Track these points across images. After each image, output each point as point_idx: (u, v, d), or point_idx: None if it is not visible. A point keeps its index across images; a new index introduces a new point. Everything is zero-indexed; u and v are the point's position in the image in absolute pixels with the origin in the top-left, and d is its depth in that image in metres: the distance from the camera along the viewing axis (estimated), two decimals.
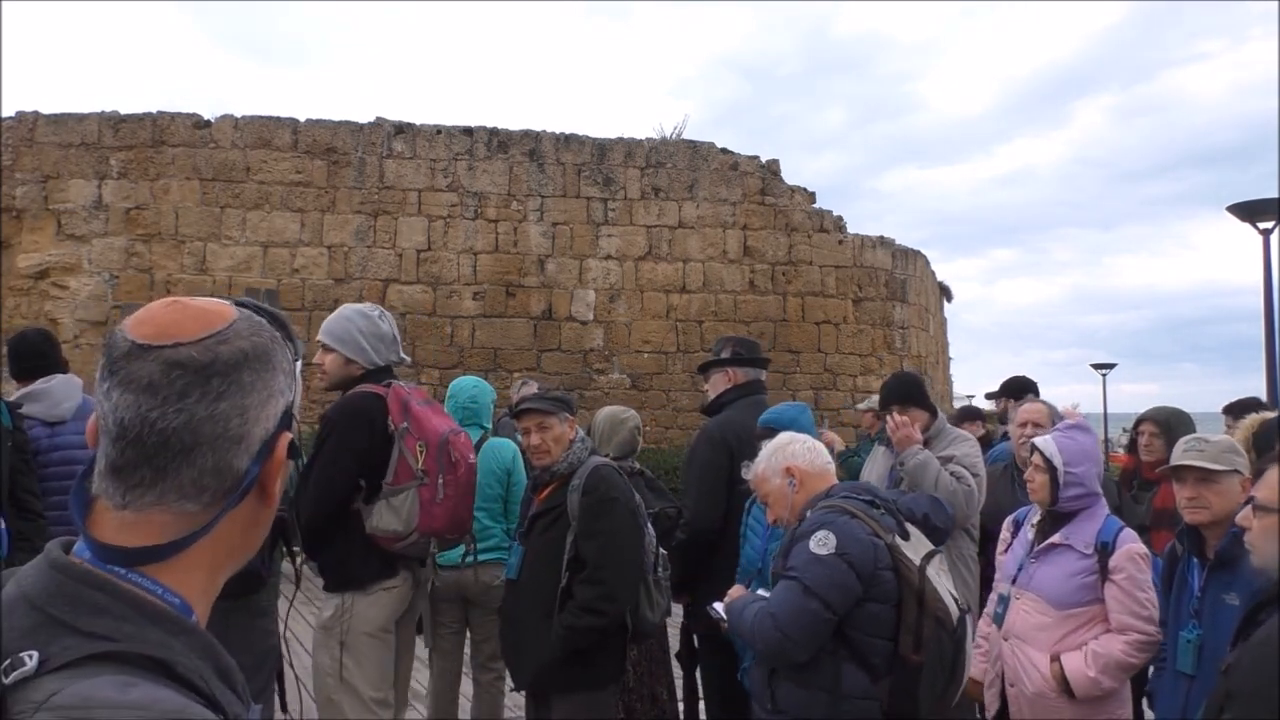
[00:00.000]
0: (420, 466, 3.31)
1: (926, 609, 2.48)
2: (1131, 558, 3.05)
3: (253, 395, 0.86)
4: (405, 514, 3.28)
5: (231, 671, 0.82)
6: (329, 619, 3.36)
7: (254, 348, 0.87)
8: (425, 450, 3.33)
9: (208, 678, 0.77)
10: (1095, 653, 2.98)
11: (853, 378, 13.38)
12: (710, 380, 4.21)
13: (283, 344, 0.91)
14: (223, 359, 0.84)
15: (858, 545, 2.49)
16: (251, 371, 0.86)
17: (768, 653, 2.59)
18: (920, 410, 3.99)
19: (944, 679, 2.52)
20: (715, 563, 3.76)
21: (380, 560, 3.36)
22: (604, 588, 3.18)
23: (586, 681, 3.25)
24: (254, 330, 0.89)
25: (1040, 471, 3.15)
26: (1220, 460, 2.87)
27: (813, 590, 2.47)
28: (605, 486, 3.27)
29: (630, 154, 12.98)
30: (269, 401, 0.88)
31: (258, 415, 0.86)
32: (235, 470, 0.85)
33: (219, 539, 0.86)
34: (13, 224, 11.35)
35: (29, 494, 3.49)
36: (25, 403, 3.79)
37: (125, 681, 0.69)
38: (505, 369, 12.09)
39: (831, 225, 13.62)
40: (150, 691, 0.70)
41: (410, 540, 3.33)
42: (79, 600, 0.75)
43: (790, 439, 2.96)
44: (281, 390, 0.89)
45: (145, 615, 0.77)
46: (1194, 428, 4.57)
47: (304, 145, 12.03)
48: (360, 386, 3.44)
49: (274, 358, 0.89)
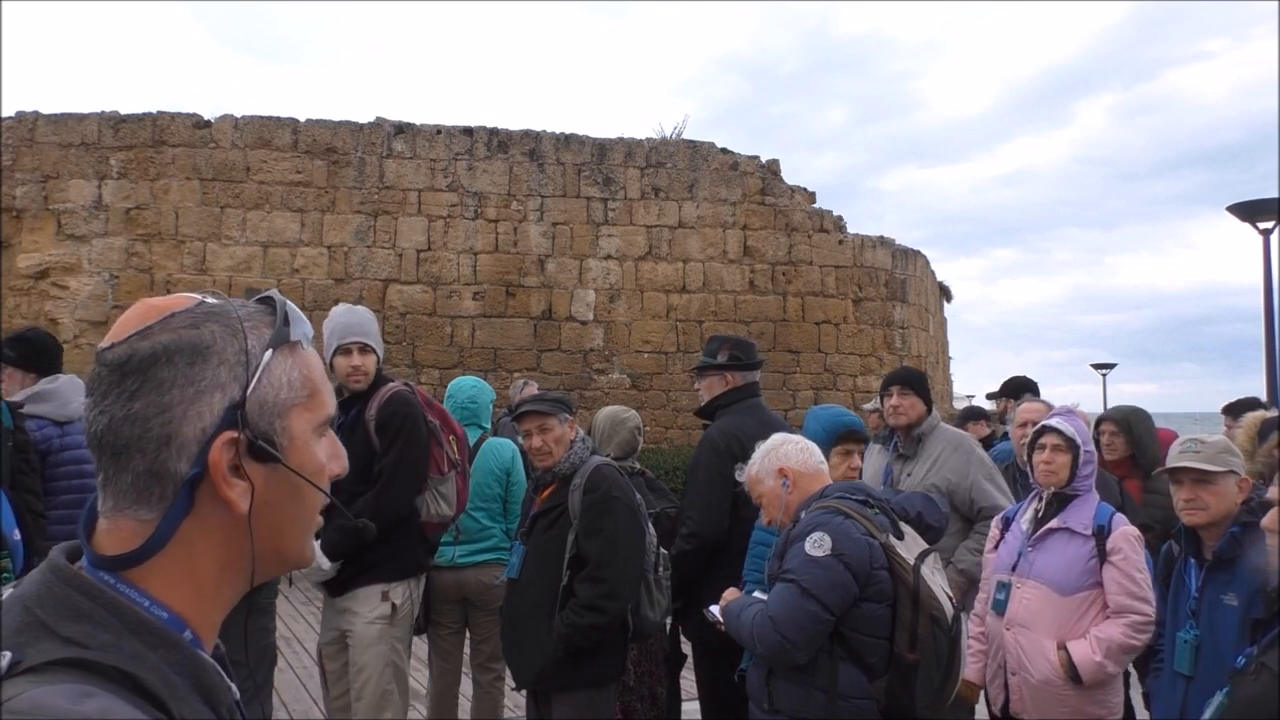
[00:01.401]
0: (455, 457, 3.75)
1: (922, 608, 2.48)
2: (1127, 539, 3.11)
3: (173, 392, 0.79)
4: (452, 499, 3.73)
5: (216, 690, 0.79)
6: (399, 606, 3.53)
7: (179, 341, 0.80)
8: (455, 442, 3.77)
9: (184, 695, 0.74)
10: (1098, 638, 3.01)
11: (853, 378, 13.39)
12: (705, 382, 4.13)
13: (240, 333, 0.83)
14: (139, 356, 0.79)
15: (853, 545, 2.50)
16: (172, 367, 0.79)
17: (768, 655, 2.59)
18: (917, 397, 4.04)
19: (940, 677, 2.53)
20: (716, 569, 3.74)
21: (426, 546, 3.76)
22: (605, 585, 3.19)
23: (587, 680, 3.26)
24: (191, 322, 0.82)
25: (1061, 452, 3.19)
26: (1217, 461, 2.87)
27: (810, 592, 2.48)
28: (606, 485, 3.28)
29: (630, 154, 12.98)
30: (199, 399, 0.80)
31: (185, 413, 0.79)
32: (172, 474, 0.79)
33: (198, 551, 0.81)
34: (13, 224, 11.35)
35: (30, 494, 3.49)
36: (33, 402, 3.78)
37: (84, 691, 0.68)
38: (505, 369, 12.09)
39: (831, 225, 13.63)
40: (106, 704, 0.68)
41: (451, 520, 3.80)
42: (63, 604, 0.74)
43: (783, 439, 2.96)
44: (220, 384, 0.81)
45: (126, 625, 0.75)
46: (1153, 425, 4.68)
47: (304, 145, 12.03)
48: (393, 385, 3.67)
49: (211, 350, 0.81)
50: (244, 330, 0.83)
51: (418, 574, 3.67)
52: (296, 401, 0.86)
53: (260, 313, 0.87)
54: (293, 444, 0.85)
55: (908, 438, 4.04)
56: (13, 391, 3.92)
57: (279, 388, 0.84)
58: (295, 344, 0.87)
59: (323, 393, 0.89)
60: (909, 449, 4.03)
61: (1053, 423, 3.26)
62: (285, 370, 0.85)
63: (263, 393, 0.83)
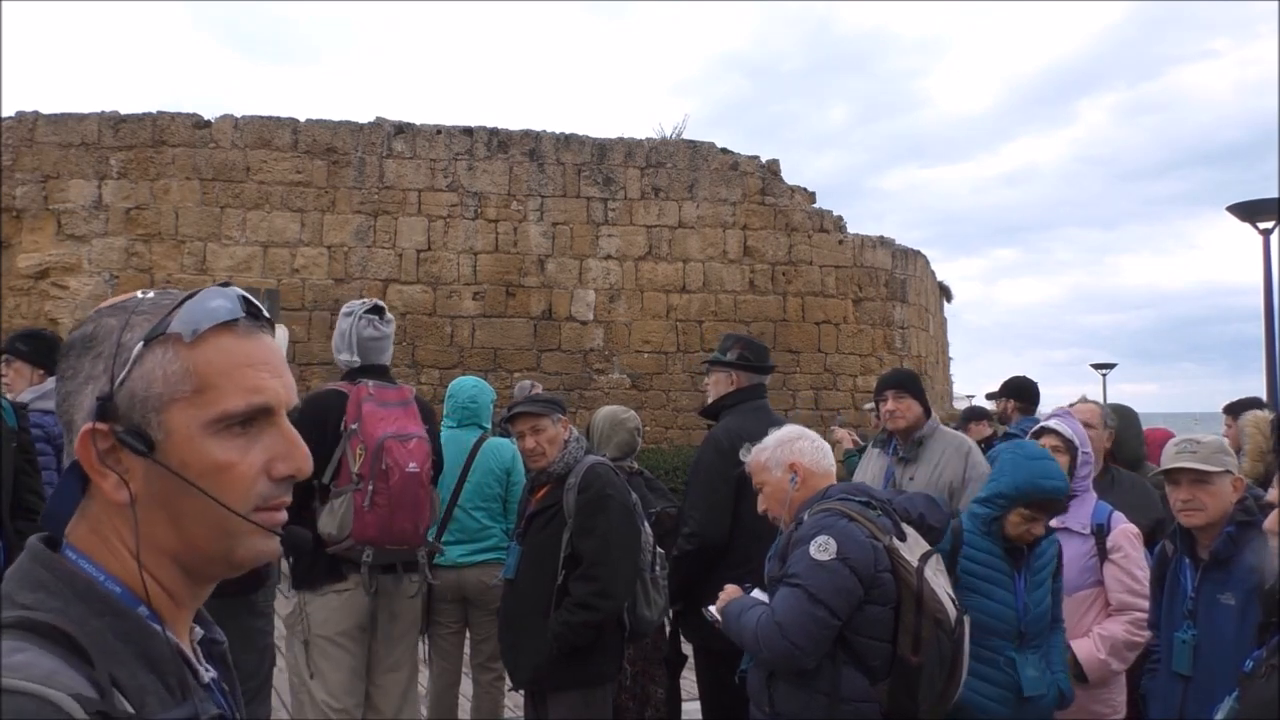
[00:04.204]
0: (356, 470, 3.23)
1: (925, 610, 2.47)
2: (1127, 536, 3.12)
3: (71, 382, 0.84)
4: (340, 518, 3.22)
5: (163, 661, 0.81)
6: (288, 616, 3.43)
7: (80, 333, 0.85)
8: (364, 454, 3.23)
9: (124, 659, 0.78)
10: (1102, 636, 3.02)
11: (853, 378, 13.39)
12: (711, 379, 4.13)
13: (125, 327, 0.83)
14: (64, 346, 0.86)
15: (857, 548, 2.47)
16: (74, 357, 0.84)
17: (774, 660, 2.55)
18: (913, 400, 4.03)
19: (942, 679, 2.52)
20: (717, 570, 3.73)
21: (329, 563, 3.30)
22: (599, 584, 3.19)
23: (583, 679, 3.26)
24: (106, 313, 0.85)
25: (1060, 453, 3.19)
26: (1213, 461, 2.87)
27: (817, 597, 2.44)
28: (600, 484, 3.28)
29: (630, 154, 12.99)
30: (82, 389, 0.83)
31: (77, 403, 0.83)
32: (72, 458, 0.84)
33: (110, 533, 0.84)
34: (13, 224, 11.35)
35: (33, 494, 3.50)
36: (44, 399, 3.80)
37: (17, 646, 0.72)
38: (505, 369, 12.09)
39: (831, 225, 13.63)
40: (32, 658, 0.72)
41: (345, 545, 3.24)
42: (26, 577, 0.80)
43: (800, 434, 2.89)
44: (93, 376, 0.82)
45: (76, 593, 0.79)
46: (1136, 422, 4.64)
47: (304, 145, 12.04)
48: (327, 384, 3.46)
49: (94, 341, 0.83)
50: (130, 323, 0.83)
51: (312, 589, 3.36)
52: (178, 396, 0.83)
53: (169, 305, 0.85)
54: (170, 439, 0.82)
55: (907, 441, 4.04)
56: (21, 388, 3.94)
57: (152, 381, 0.82)
58: (177, 336, 0.83)
59: (215, 388, 0.84)
60: (909, 452, 4.02)
61: (1051, 424, 3.28)
62: (162, 364, 0.83)
63: (133, 385, 0.82)
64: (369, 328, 3.56)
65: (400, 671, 3.55)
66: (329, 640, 3.31)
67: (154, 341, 0.83)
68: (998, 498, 2.84)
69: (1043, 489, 2.79)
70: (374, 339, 3.58)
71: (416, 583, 3.53)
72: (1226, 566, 2.79)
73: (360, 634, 3.38)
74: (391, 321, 3.70)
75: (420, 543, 3.44)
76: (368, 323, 3.56)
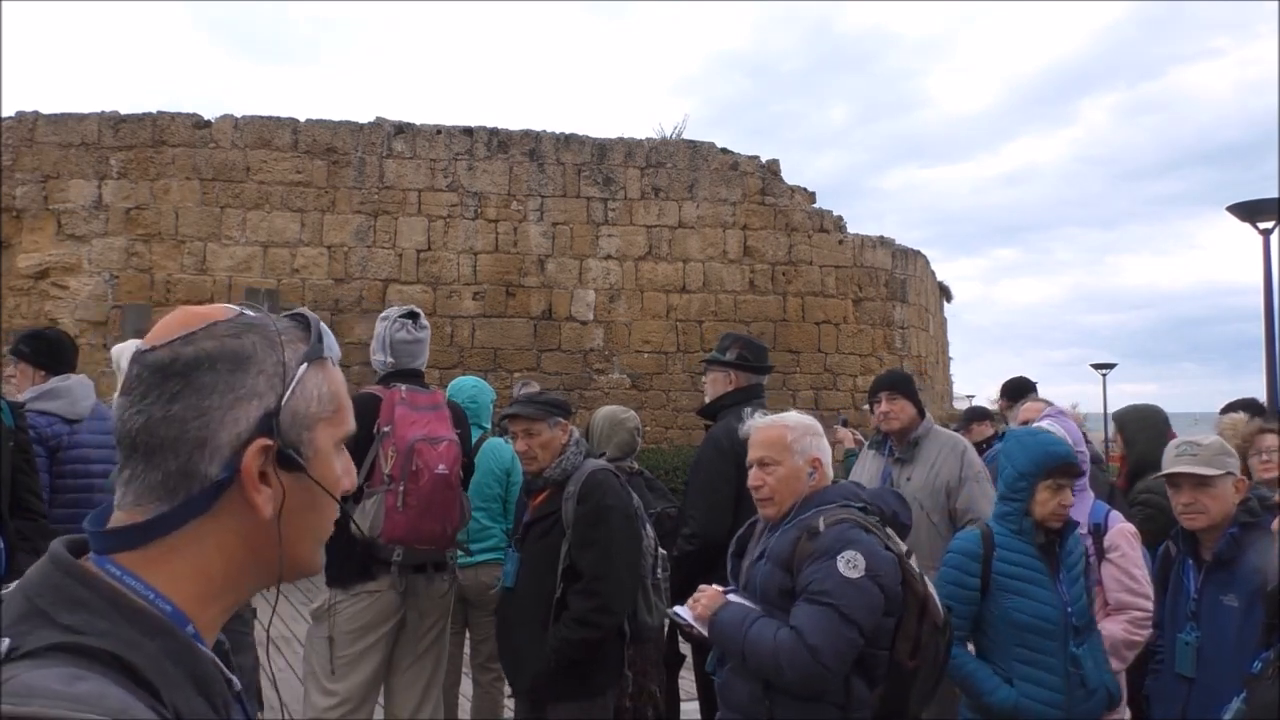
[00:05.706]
0: (388, 472, 3.33)
1: (927, 616, 2.46)
2: (1124, 535, 3.12)
3: (213, 397, 0.83)
4: (371, 518, 3.31)
5: (211, 682, 0.80)
6: (316, 610, 3.43)
7: (221, 348, 0.84)
8: (395, 456, 3.33)
9: (178, 683, 0.76)
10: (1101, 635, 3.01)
11: (853, 378, 13.38)
12: (709, 378, 4.12)
13: (277, 346, 0.87)
14: (182, 360, 0.83)
15: (884, 564, 2.42)
16: (214, 373, 0.83)
17: (797, 682, 2.41)
18: (907, 401, 4.03)
19: (934, 679, 2.52)
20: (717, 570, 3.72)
21: (360, 562, 3.36)
22: (600, 599, 3.10)
23: (584, 690, 3.21)
24: (234, 331, 0.86)
25: None
26: (1214, 464, 2.85)
27: (851, 618, 2.36)
28: (600, 493, 3.18)
29: (630, 154, 12.98)
30: (236, 405, 0.83)
31: (221, 419, 0.83)
32: (203, 475, 0.82)
33: (210, 551, 0.84)
34: (13, 224, 11.35)
35: (31, 494, 3.49)
36: (43, 399, 3.79)
37: (75, 674, 0.69)
38: (505, 369, 12.09)
39: (831, 225, 13.63)
40: (98, 687, 0.69)
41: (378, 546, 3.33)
42: (61, 593, 0.76)
43: (818, 429, 2.76)
44: (258, 393, 0.85)
45: (122, 613, 0.77)
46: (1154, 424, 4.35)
47: (304, 145, 12.03)
48: (362, 388, 3.51)
49: (250, 359, 0.85)
50: (281, 343, 0.88)
51: (343, 587, 3.40)
52: (324, 416, 0.90)
53: (295, 328, 0.91)
54: (316, 456, 0.89)
55: (902, 442, 4.04)
56: (23, 388, 3.92)
57: (310, 400, 0.88)
58: (325, 360, 0.91)
59: (346, 410, 0.93)
60: (905, 453, 4.02)
61: (1044, 424, 3.26)
62: (317, 385, 0.89)
63: (295, 404, 0.87)
64: (402, 331, 3.62)
65: (423, 669, 3.60)
66: (355, 639, 3.39)
67: (311, 364, 0.89)
68: (1018, 480, 2.83)
69: (1056, 454, 2.83)
70: (407, 343, 3.64)
71: (447, 582, 3.62)
72: (1230, 568, 2.78)
73: (386, 636, 3.46)
74: (426, 327, 3.76)
75: (449, 544, 3.56)
76: (401, 326, 3.63)
